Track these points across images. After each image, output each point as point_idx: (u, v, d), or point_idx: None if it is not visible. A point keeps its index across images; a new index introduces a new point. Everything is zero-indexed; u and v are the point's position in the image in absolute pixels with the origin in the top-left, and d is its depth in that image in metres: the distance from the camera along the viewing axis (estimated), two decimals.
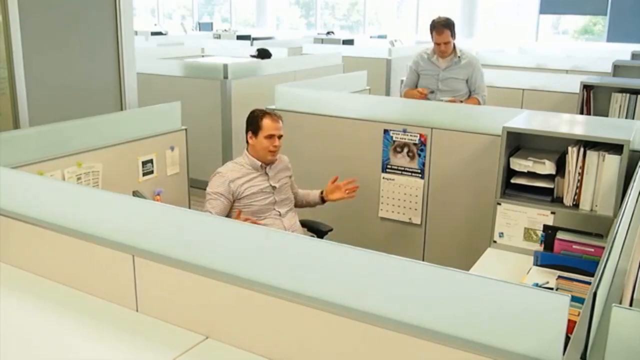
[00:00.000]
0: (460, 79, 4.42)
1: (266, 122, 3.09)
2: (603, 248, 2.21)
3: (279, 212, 3.17)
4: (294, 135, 3.78)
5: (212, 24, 15.66)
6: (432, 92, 4.47)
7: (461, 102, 4.37)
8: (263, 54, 7.57)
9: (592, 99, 4.79)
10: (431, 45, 4.51)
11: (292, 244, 1.63)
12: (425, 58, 4.54)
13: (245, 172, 3.11)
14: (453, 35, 4.36)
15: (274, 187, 3.15)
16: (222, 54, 8.25)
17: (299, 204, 3.42)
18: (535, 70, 6.98)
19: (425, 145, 3.56)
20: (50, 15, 3.44)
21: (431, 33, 4.41)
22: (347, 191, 3.27)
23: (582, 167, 2.73)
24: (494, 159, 3.08)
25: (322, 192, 3.37)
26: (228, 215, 3.13)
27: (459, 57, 4.41)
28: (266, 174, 3.15)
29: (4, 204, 2.12)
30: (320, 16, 18.07)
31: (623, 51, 7.98)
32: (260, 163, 3.13)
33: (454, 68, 4.42)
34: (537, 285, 2.27)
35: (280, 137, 3.13)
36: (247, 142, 3.18)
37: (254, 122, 3.12)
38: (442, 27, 4.33)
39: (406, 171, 3.66)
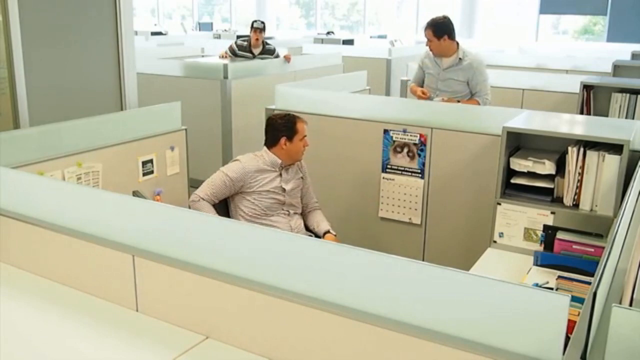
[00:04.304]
0: (460, 81, 4.40)
1: (300, 125, 3.18)
2: (603, 248, 2.21)
3: (288, 211, 3.20)
4: None
5: (212, 24, 15.65)
6: (436, 94, 4.46)
7: (458, 101, 4.35)
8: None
9: (592, 99, 4.79)
10: (417, 45, 4.52)
11: (292, 244, 1.63)
12: (430, 56, 4.53)
13: (262, 168, 3.14)
14: (437, 35, 4.32)
15: (284, 189, 3.16)
16: None
17: (307, 222, 3.37)
18: (535, 70, 6.98)
19: (425, 145, 3.57)
20: (51, 15, 3.44)
21: None
22: None
23: (582, 167, 2.73)
24: (494, 159, 3.08)
25: (326, 233, 3.27)
26: (229, 215, 3.14)
27: (460, 58, 4.39)
28: (281, 175, 3.17)
29: (4, 204, 2.12)
30: (320, 16, 18.07)
31: (623, 51, 7.97)
32: (280, 162, 3.16)
33: (454, 69, 4.40)
34: (537, 285, 2.27)
35: None
36: (271, 147, 3.17)
37: (289, 128, 3.15)
38: (426, 26, 4.39)
39: (406, 171, 3.66)
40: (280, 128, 3.16)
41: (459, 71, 4.38)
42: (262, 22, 7.01)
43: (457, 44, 4.40)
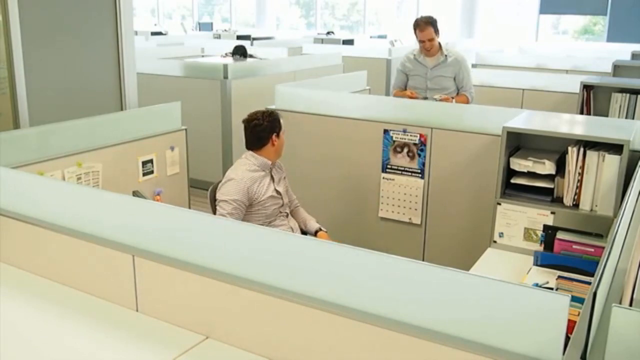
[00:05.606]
0: (448, 77, 4.45)
1: (281, 120, 3.19)
2: (603, 248, 2.21)
3: (286, 213, 3.20)
4: (294, 136, 3.78)
5: (212, 24, 15.64)
6: (425, 98, 4.48)
7: (452, 98, 4.38)
8: (241, 51, 7.51)
9: (592, 99, 4.79)
10: (417, 46, 4.53)
11: (292, 244, 1.63)
12: (412, 59, 4.56)
13: (255, 176, 3.06)
14: (436, 32, 4.39)
15: (278, 192, 3.16)
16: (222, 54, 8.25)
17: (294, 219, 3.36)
18: (535, 70, 6.98)
19: (425, 145, 3.56)
20: (51, 15, 3.44)
21: (415, 32, 4.45)
22: None
23: (582, 167, 2.73)
24: (494, 159, 3.08)
25: (317, 231, 3.27)
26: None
27: (445, 55, 4.44)
28: (272, 176, 3.15)
29: (4, 204, 2.12)
30: (320, 16, 18.06)
31: (623, 51, 7.97)
32: (270, 162, 3.13)
33: (441, 66, 4.45)
34: (537, 285, 2.27)
35: None
36: (259, 148, 3.12)
37: (278, 124, 3.15)
38: (425, 24, 4.39)
39: (406, 171, 3.66)
40: (269, 127, 3.11)
41: (447, 67, 4.44)
42: None
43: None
